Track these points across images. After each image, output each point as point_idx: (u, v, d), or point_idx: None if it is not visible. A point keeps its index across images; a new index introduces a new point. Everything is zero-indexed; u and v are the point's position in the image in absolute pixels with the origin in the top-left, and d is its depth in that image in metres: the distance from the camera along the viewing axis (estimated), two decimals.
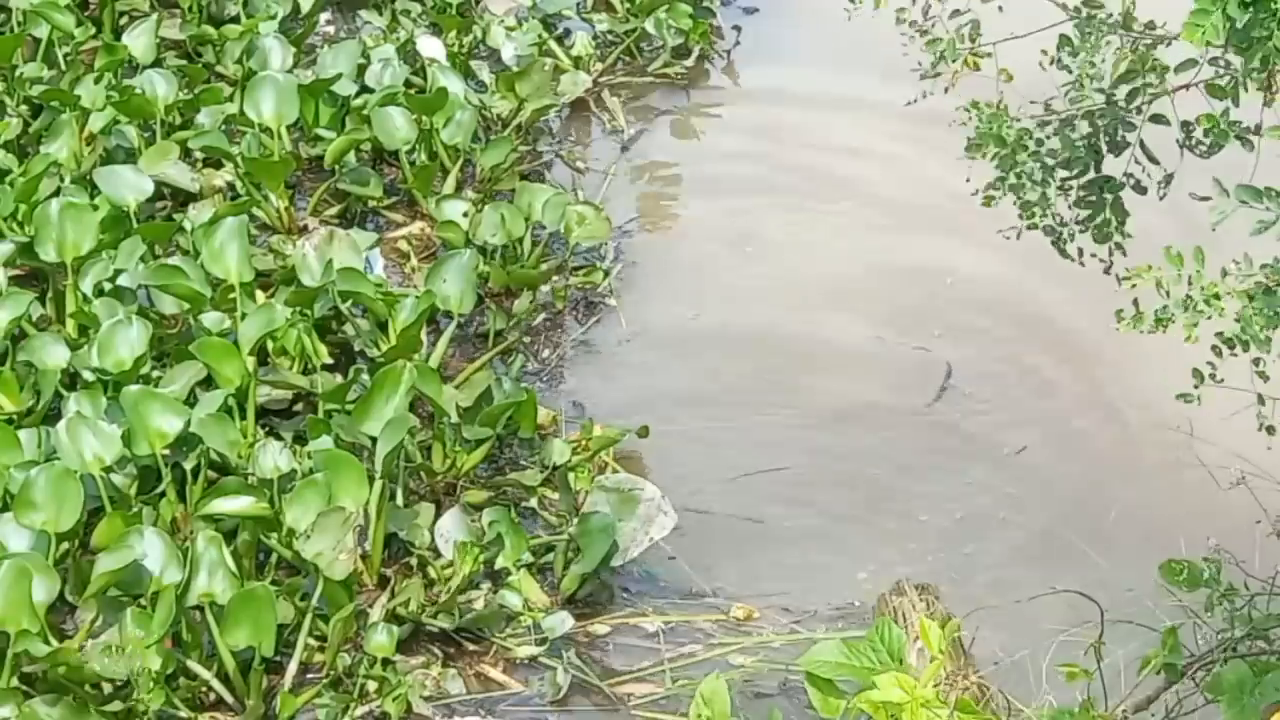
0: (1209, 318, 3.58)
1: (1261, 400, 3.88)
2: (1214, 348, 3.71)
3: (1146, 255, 3.75)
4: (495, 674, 5.23)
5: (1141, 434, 5.99)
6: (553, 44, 7.78)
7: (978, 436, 6.14)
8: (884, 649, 3.77)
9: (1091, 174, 4.07)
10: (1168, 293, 3.62)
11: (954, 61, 4.12)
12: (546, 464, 5.70)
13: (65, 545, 5.11)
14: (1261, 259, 3.65)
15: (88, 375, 5.58)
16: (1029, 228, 4.10)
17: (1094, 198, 4.06)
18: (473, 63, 7.55)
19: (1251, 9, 3.37)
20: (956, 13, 4.16)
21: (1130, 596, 4.67)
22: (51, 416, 5.49)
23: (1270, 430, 3.95)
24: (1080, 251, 4.11)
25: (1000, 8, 4.14)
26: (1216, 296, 3.58)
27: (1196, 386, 3.79)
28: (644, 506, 5.55)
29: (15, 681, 4.81)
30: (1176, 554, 4.38)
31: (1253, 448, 4.54)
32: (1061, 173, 4.04)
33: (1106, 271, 4.07)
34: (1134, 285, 3.68)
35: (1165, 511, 5.57)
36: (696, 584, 5.55)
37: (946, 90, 4.10)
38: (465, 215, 6.53)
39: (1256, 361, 3.75)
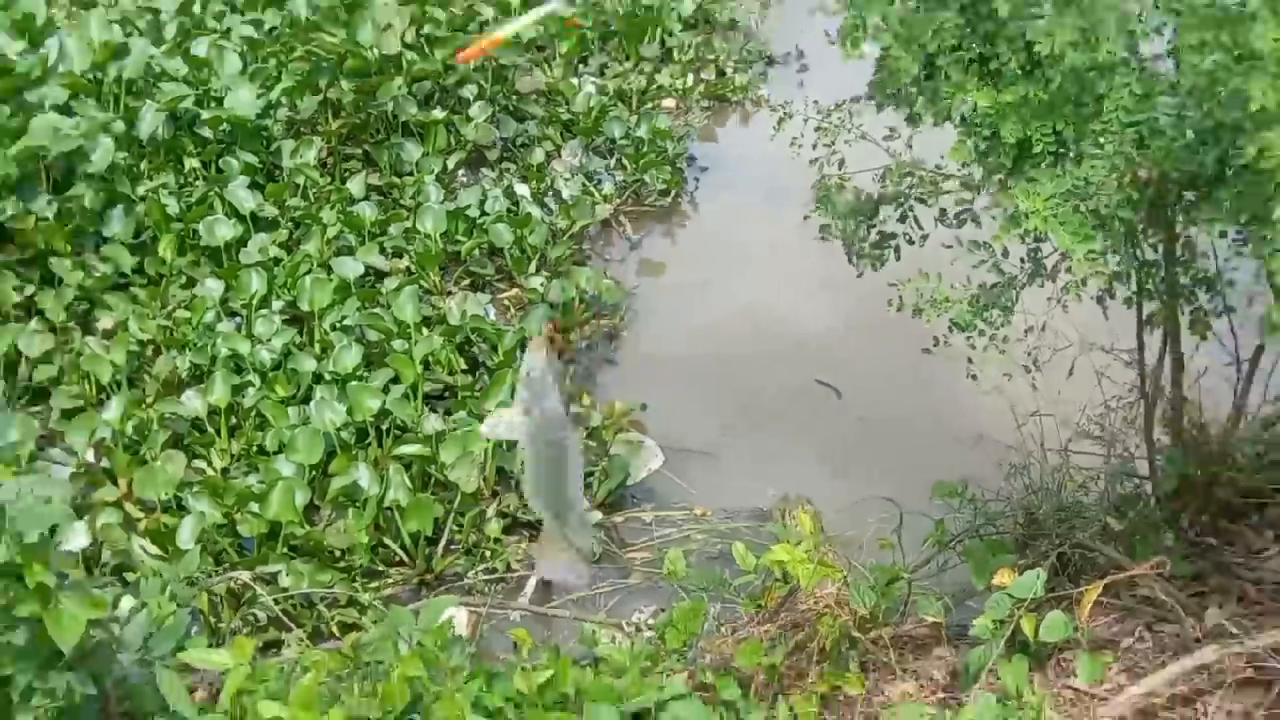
0: (940, 314, 3.55)
1: (970, 360, 3.85)
2: (948, 329, 3.71)
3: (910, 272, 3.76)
4: None
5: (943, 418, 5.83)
6: (591, 188, 7.72)
7: (849, 413, 6.04)
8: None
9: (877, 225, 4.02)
10: (920, 294, 3.60)
11: (830, 184, 4.09)
12: (586, 427, 5.70)
13: (313, 473, 5.18)
14: (977, 280, 3.71)
15: (327, 376, 5.64)
16: (825, 237, 4.06)
17: (881, 246, 4.06)
18: (546, 198, 7.50)
19: (989, 141, 3.28)
20: (826, 146, 4.14)
21: (921, 503, 4.57)
22: (306, 399, 5.53)
23: (974, 378, 3.91)
24: (854, 261, 4.09)
25: (848, 144, 4.15)
26: (946, 299, 3.59)
27: (931, 350, 3.86)
28: (645, 451, 5.61)
29: (285, 550, 4.90)
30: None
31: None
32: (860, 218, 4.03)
33: (852, 264, 4.01)
34: (901, 291, 3.66)
35: (946, 460, 5.38)
36: (674, 494, 5.52)
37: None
38: (541, 285, 6.57)
39: (970, 337, 3.72)
